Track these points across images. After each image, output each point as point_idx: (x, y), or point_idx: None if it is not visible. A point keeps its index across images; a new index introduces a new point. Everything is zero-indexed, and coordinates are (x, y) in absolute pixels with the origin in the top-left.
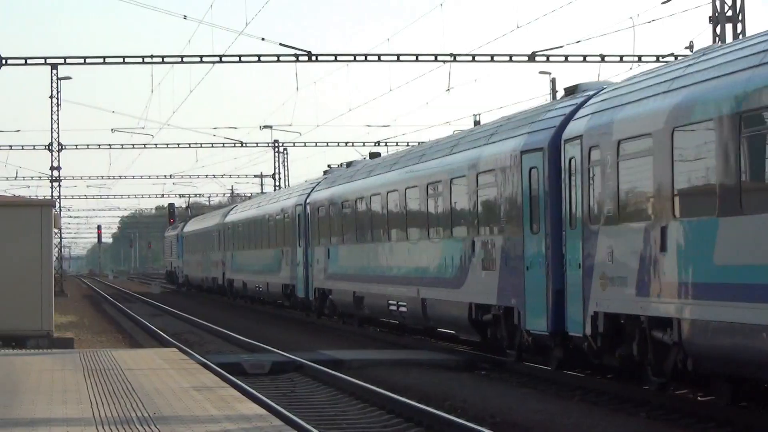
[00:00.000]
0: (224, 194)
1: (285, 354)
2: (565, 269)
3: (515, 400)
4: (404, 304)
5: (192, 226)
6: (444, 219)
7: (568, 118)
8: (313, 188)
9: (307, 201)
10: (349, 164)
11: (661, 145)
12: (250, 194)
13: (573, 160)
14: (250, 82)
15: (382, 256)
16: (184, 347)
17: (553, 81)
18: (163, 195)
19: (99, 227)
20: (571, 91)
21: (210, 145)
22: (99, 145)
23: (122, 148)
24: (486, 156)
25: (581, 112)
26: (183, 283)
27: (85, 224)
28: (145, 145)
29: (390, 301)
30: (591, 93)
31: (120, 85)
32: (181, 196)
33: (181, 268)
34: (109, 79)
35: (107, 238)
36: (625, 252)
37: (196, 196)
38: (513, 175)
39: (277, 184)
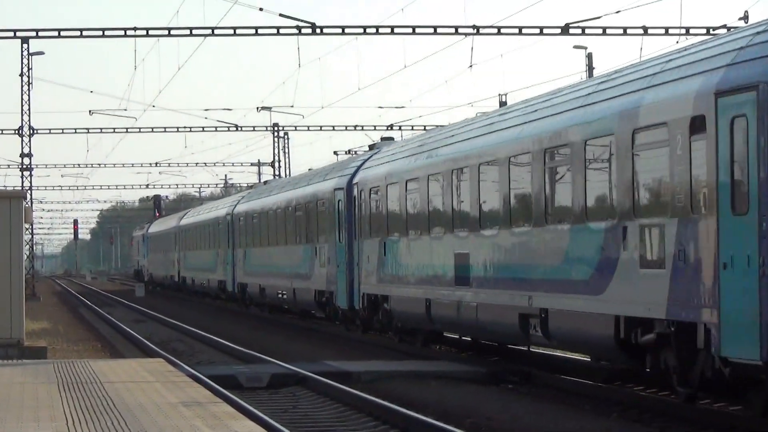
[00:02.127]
0: (217, 185)
1: (286, 365)
2: (353, 267)
3: (546, 418)
4: (285, 292)
5: (155, 227)
6: (302, 231)
7: (358, 168)
8: (238, 201)
9: (234, 212)
10: (266, 182)
11: (383, 193)
12: (246, 184)
13: (355, 197)
14: (246, 58)
15: (273, 258)
16: (172, 357)
17: (589, 56)
18: (147, 185)
19: (75, 222)
20: (372, 146)
21: (201, 129)
22: (75, 129)
23: (101, 132)
24: (321, 188)
25: (363, 165)
26: (148, 282)
27: (59, 218)
28: (127, 129)
29: (278, 291)
30: (375, 151)
31: (99, 61)
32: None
33: (147, 267)
34: (86, 54)
35: (85, 234)
36: (372, 256)
37: (185, 186)
38: (331, 204)
39: (277, 173)
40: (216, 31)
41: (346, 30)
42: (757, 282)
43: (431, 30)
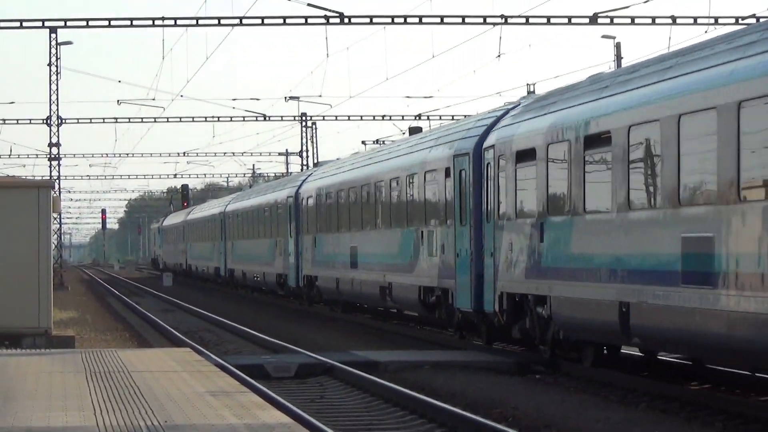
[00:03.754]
0: (245, 174)
1: (313, 355)
2: (299, 255)
3: (573, 408)
4: (259, 276)
5: (168, 221)
6: (268, 228)
7: (303, 181)
8: (230, 202)
9: (225, 210)
10: (251, 186)
11: (314, 201)
12: (274, 174)
13: (300, 203)
14: (274, 47)
15: (251, 249)
16: (199, 347)
17: (617, 46)
18: (175, 175)
19: (103, 211)
20: (316, 164)
21: (228, 118)
22: (103, 118)
23: (129, 122)
24: (280, 195)
25: (307, 179)
26: (163, 269)
27: (87, 208)
28: (155, 118)
29: (254, 275)
30: (317, 169)
31: (127, 51)
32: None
33: (162, 256)
34: (115, 44)
35: (112, 224)
36: (309, 247)
37: (212, 176)
38: (286, 207)
39: (305, 162)
40: (244, 21)
41: (374, 20)
42: (470, 264)
43: (459, 20)
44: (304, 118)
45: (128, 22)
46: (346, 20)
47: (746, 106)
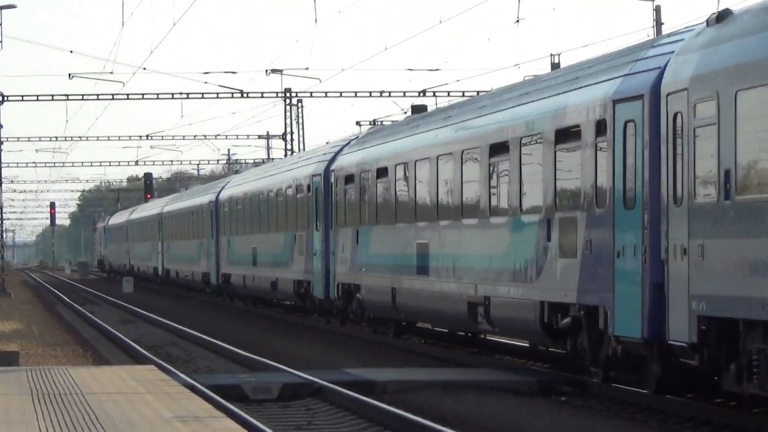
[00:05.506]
0: (218, 161)
1: (299, 374)
2: (219, 255)
3: None
4: (188, 274)
5: (113, 220)
6: (194, 230)
7: (223, 188)
8: (167, 203)
9: (162, 211)
10: (186, 188)
11: (228, 208)
12: (253, 161)
13: (219, 208)
14: (254, 12)
15: (181, 249)
16: (166, 364)
17: (657, 10)
18: (137, 162)
19: (52, 204)
20: (236, 171)
21: (200, 95)
22: (53, 95)
23: (83, 99)
24: (203, 200)
25: (226, 186)
26: (109, 270)
27: (33, 201)
28: (113, 95)
29: (185, 274)
30: (236, 175)
31: (81, 16)
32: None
33: (107, 256)
34: (66, 8)
35: (63, 219)
36: (225, 247)
37: (180, 162)
38: (208, 211)
39: (289, 147)
40: None
41: None
42: (322, 262)
43: None
44: (288, 94)
45: None
46: None
47: (440, 160)
